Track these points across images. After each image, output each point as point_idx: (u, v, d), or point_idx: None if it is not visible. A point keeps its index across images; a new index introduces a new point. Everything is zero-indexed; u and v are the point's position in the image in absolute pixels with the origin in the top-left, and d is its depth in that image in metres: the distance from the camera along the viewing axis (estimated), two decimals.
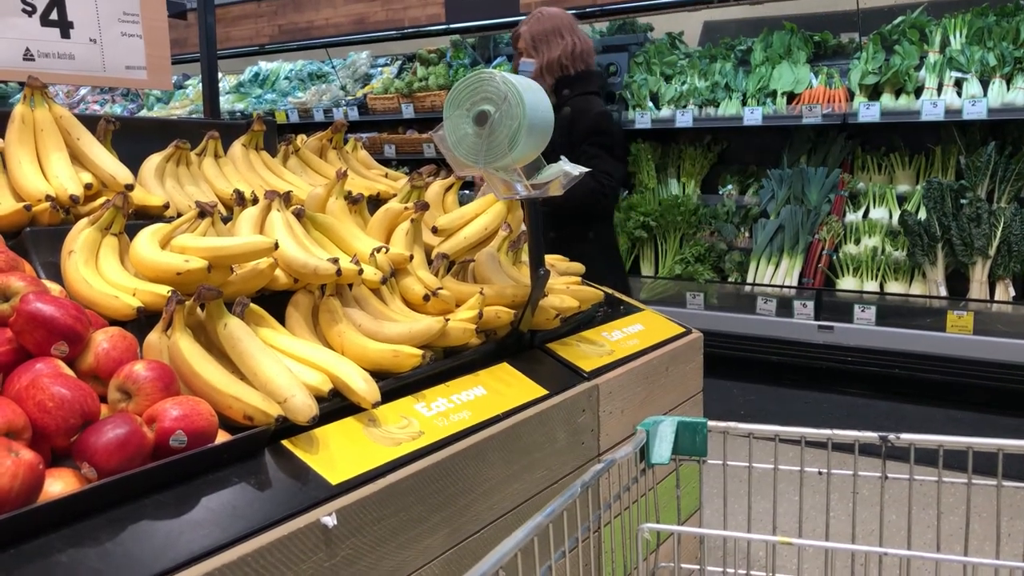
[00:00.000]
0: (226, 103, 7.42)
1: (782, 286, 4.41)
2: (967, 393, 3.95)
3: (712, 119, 4.73)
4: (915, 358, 4.04)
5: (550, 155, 1.65)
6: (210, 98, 2.35)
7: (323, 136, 2.26)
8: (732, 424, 1.16)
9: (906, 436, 1.08)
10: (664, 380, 1.96)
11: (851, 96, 4.35)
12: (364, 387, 1.31)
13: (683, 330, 2.13)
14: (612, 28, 5.59)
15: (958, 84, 4.03)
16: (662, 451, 1.13)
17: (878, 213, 4.39)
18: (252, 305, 1.40)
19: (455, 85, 1.60)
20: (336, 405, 1.32)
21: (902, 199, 4.39)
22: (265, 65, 7.74)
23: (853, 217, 4.43)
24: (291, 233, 1.54)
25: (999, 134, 4.18)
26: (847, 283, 4.30)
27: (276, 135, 2.23)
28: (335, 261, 1.47)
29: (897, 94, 4.17)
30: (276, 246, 1.43)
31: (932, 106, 3.97)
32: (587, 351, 1.82)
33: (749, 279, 4.55)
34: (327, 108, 6.52)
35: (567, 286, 1.90)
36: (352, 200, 1.85)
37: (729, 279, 4.64)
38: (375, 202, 2.08)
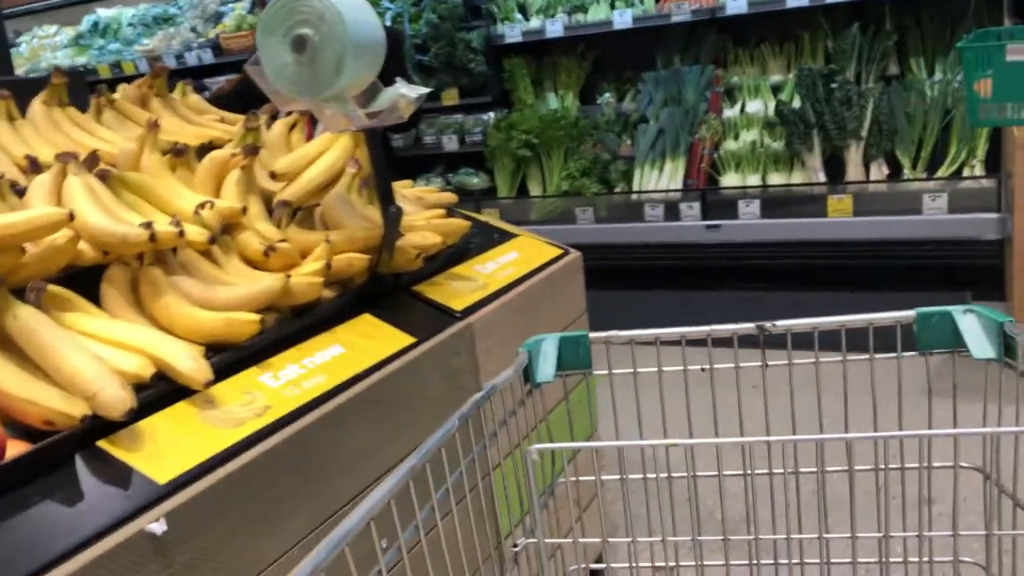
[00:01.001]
0: (65, 58, 6.82)
1: (667, 190, 4.37)
2: (853, 274, 4.04)
3: (583, 26, 4.60)
4: (801, 246, 4.10)
5: None
6: None
7: (143, 83, 2.01)
8: (613, 333, 1.14)
9: (782, 323, 1.09)
10: (543, 306, 1.86)
11: None
12: (191, 366, 1.15)
13: (560, 252, 2.02)
14: None
15: None
16: (546, 369, 1.10)
17: (754, 106, 4.37)
18: (52, 288, 1.20)
19: (266, 9, 1.40)
20: (165, 390, 1.15)
21: (776, 89, 4.38)
22: (104, 12, 7.10)
23: (730, 113, 4.40)
24: (94, 198, 1.33)
25: (862, 14, 4.19)
26: (730, 179, 4.29)
27: (87, 88, 1.97)
28: (148, 225, 1.28)
29: None
30: (72, 216, 1.23)
31: None
32: (458, 288, 1.70)
33: (636, 187, 4.50)
34: (178, 53, 6.05)
35: (428, 220, 1.75)
36: (176, 152, 1.65)
37: (616, 189, 4.58)
38: (209, 151, 1.86)
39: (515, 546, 1.09)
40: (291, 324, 1.38)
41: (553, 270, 1.94)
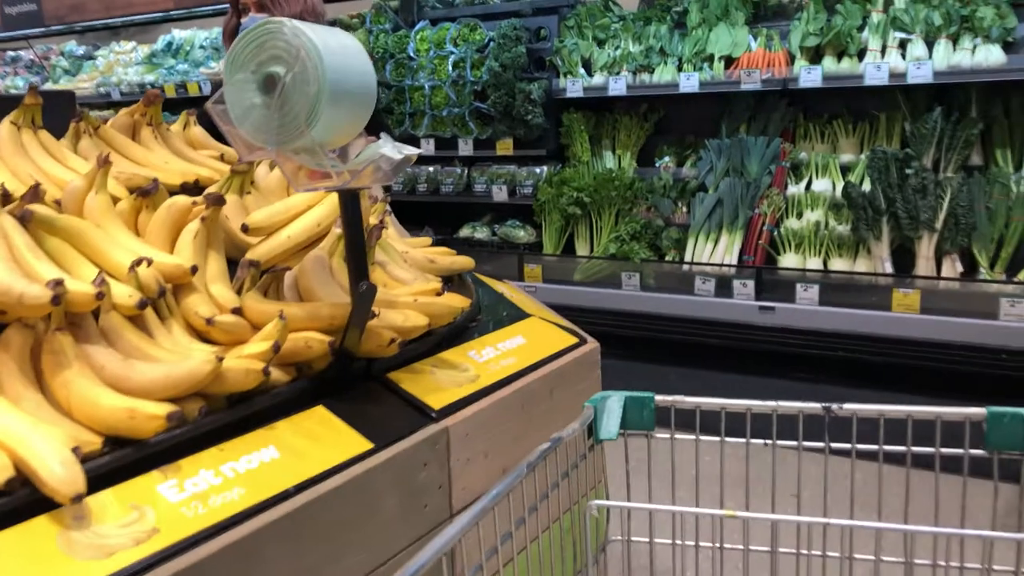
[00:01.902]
0: (135, 75, 6.89)
1: (721, 264, 4.09)
2: (914, 375, 3.69)
3: (647, 86, 4.37)
4: (860, 339, 3.77)
5: None
6: None
7: (134, 110, 1.83)
8: (679, 397, 1.19)
9: (848, 406, 1.13)
10: (548, 406, 1.60)
11: (792, 60, 4.01)
12: (59, 473, 0.91)
13: (575, 341, 1.75)
14: None
15: (902, 46, 3.72)
16: (610, 427, 1.14)
17: (821, 185, 4.07)
18: None
19: (236, 41, 1.20)
20: (25, 499, 0.92)
21: (846, 169, 4.08)
22: (179, 33, 7.20)
23: (795, 189, 4.11)
24: (2, 245, 1.13)
25: (945, 98, 3.88)
26: (789, 260, 3.99)
27: (74, 110, 1.79)
28: (58, 283, 1.07)
29: (839, 57, 3.84)
30: None
31: (875, 69, 3.65)
32: (442, 380, 1.44)
33: (687, 257, 4.22)
34: None
35: (416, 297, 1.50)
36: (142, 192, 1.45)
37: (666, 257, 4.31)
38: (195, 192, 1.66)
39: None
40: (218, 417, 1.14)
41: (564, 362, 1.67)
